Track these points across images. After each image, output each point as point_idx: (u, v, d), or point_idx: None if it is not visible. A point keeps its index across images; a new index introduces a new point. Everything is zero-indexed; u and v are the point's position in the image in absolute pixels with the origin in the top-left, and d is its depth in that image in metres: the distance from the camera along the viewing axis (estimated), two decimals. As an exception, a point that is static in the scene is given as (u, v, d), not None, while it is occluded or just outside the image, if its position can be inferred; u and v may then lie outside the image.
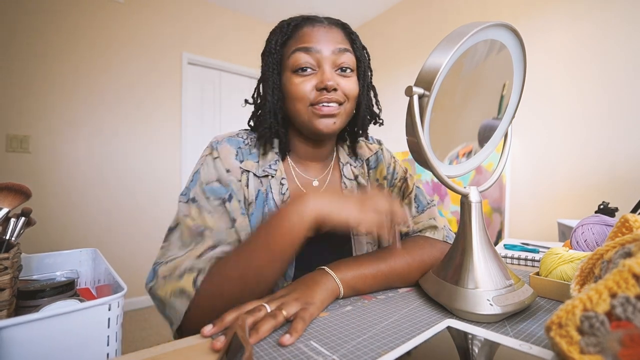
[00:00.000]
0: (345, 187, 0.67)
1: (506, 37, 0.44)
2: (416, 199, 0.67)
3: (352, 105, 0.61)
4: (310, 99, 0.57)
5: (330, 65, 0.57)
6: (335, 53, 0.57)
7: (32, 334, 0.34)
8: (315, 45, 0.56)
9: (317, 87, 0.56)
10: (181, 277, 0.46)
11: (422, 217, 0.65)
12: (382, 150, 0.74)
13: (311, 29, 0.57)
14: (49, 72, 2.14)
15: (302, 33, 0.58)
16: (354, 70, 0.60)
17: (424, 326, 0.39)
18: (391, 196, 0.49)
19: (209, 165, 0.57)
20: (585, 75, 1.76)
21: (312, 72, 0.57)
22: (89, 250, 0.70)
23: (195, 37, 2.72)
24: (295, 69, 0.57)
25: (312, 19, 0.60)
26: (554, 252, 0.52)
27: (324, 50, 0.56)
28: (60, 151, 2.18)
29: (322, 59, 0.56)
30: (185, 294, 0.45)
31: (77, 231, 2.22)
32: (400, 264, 0.53)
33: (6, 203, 0.49)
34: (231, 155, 0.58)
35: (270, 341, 0.36)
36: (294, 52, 0.57)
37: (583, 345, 0.24)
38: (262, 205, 0.58)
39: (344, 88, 0.58)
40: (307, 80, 0.57)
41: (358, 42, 0.62)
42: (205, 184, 0.55)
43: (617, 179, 1.62)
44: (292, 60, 0.57)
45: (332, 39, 0.57)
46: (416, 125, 0.41)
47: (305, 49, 0.56)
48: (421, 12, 2.68)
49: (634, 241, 0.29)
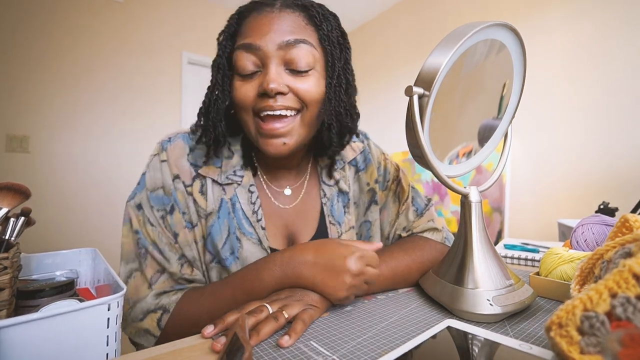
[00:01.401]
0: (324, 195, 0.59)
1: (506, 36, 0.44)
2: (414, 201, 0.63)
3: (315, 113, 0.49)
4: (255, 108, 0.47)
5: (277, 63, 0.45)
6: (282, 47, 0.45)
7: (31, 334, 0.34)
8: (258, 40, 0.45)
9: (258, 93, 0.46)
10: (143, 320, 0.45)
11: (421, 220, 0.62)
12: (370, 146, 0.65)
13: (256, 18, 0.46)
14: (48, 72, 2.14)
15: (247, 24, 0.47)
16: (314, 68, 0.48)
17: (424, 326, 0.39)
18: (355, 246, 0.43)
19: (155, 169, 0.50)
20: (585, 75, 1.76)
21: (257, 71, 0.47)
22: (88, 250, 0.70)
23: (195, 36, 2.72)
24: (237, 70, 0.47)
25: (262, 3, 0.48)
26: (554, 252, 0.51)
27: (269, 44, 0.44)
28: (60, 151, 2.18)
29: (266, 55, 0.45)
30: (150, 334, 0.45)
31: (76, 231, 2.22)
32: (401, 267, 0.53)
33: (5, 203, 0.49)
34: (182, 158, 0.51)
35: (270, 341, 0.36)
36: (235, 49, 0.47)
37: (583, 345, 0.24)
38: (226, 216, 0.51)
39: (297, 90, 0.46)
40: (249, 84, 0.46)
41: (327, 26, 0.48)
42: (150, 191, 0.50)
43: (617, 179, 1.62)
44: (233, 59, 0.48)
45: (281, 29, 0.45)
46: (416, 125, 0.41)
47: (245, 46, 0.46)
48: (421, 12, 2.68)
49: (634, 241, 0.29)
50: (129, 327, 0.46)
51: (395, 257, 0.53)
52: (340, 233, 0.59)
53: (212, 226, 0.51)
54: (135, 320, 0.46)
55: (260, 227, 0.53)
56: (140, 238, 0.49)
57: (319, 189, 0.60)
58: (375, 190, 0.63)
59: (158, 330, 0.45)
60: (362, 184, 0.63)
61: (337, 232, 0.59)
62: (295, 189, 0.60)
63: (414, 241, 0.59)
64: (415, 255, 0.55)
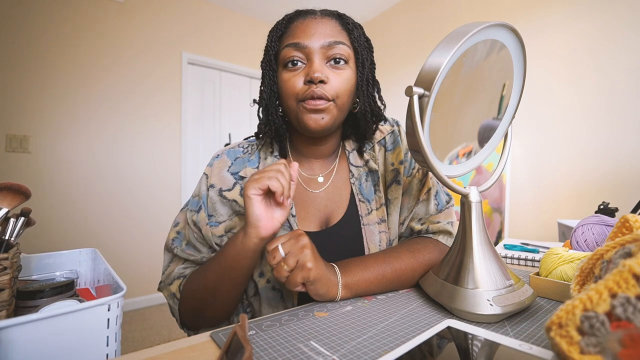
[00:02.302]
0: (352, 176, 0.64)
1: (506, 37, 0.44)
2: (437, 195, 0.64)
3: (346, 102, 0.58)
4: (299, 95, 0.55)
5: (320, 58, 0.55)
6: (324, 46, 0.54)
7: (31, 335, 0.34)
8: (304, 39, 0.54)
9: (304, 81, 0.55)
10: (172, 284, 0.58)
11: (440, 216, 0.62)
12: (400, 132, 0.68)
13: (302, 22, 0.56)
14: (49, 72, 2.14)
15: (294, 27, 0.57)
16: (348, 63, 0.57)
17: (424, 326, 0.39)
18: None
19: (201, 181, 0.63)
20: (585, 75, 1.76)
21: (302, 65, 0.55)
22: (88, 250, 0.70)
23: (195, 36, 2.72)
24: (285, 64, 0.56)
25: (305, 12, 0.58)
26: (554, 252, 0.52)
27: (314, 43, 0.54)
28: (60, 151, 2.18)
29: (312, 52, 0.54)
30: (175, 297, 0.57)
31: (76, 231, 2.22)
32: (406, 269, 0.53)
33: (6, 203, 0.49)
34: (224, 169, 0.62)
35: (270, 341, 0.36)
36: (285, 47, 0.56)
37: (583, 345, 0.24)
38: None
39: (333, 82, 0.55)
40: (296, 76, 0.55)
41: (357, 32, 0.59)
42: (192, 197, 0.63)
43: (617, 179, 1.62)
44: (282, 56, 0.56)
45: (323, 32, 0.55)
46: (416, 125, 0.41)
47: (294, 44, 0.55)
48: (421, 12, 2.68)
49: (634, 241, 0.29)
50: (164, 289, 0.59)
51: (402, 258, 0.53)
52: (370, 210, 0.62)
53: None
54: (168, 284, 0.59)
55: (290, 214, 0.59)
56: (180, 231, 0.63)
57: (348, 172, 0.66)
58: (400, 171, 0.65)
59: (179, 293, 0.57)
60: (387, 164, 0.66)
61: (367, 209, 0.62)
62: (326, 175, 0.66)
63: (424, 242, 0.58)
64: (421, 257, 0.55)
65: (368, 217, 0.61)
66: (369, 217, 0.61)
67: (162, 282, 0.60)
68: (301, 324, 0.41)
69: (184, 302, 0.56)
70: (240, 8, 2.92)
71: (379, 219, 0.62)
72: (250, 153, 0.64)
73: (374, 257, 0.54)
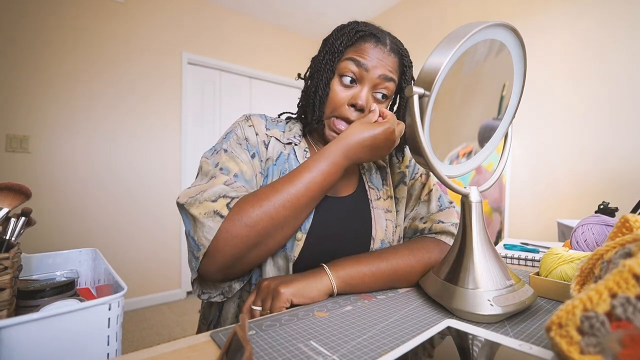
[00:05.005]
0: (362, 168, 0.69)
1: (506, 37, 0.44)
2: (440, 198, 0.68)
3: None
4: (336, 110, 0.60)
5: (369, 86, 0.59)
6: (379, 77, 0.58)
7: (32, 334, 0.34)
8: (368, 62, 0.58)
9: (349, 102, 0.59)
10: (215, 201, 0.49)
11: (442, 215, 0.64)
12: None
13: (371, 47, 0.59)
14: (48, 72, 2.14)
15: (363, 46, 0.60)
16: (389, 98, 0.62)
17: (424, 326, 0.39)
18: None
19: (243, 128, 0.63)
20: (585, 75, 1.76)
21: (352, 84, 0.59)
22: (88, 250, 0.70)
23: (195, 36, 2.72)
24: (341, 74, 0.60)
25: (378, 37, 0.61)
26: (554, 252, 0.52)
27: (373, 71, 0.58)
28: (60, 151, 2.18)
29: (367, 77, 0.58)
30: (219, 214, 0.47)
31: (77, 231, 2.22)
32: (403, 265, 0.53)
33: (6, 203, 0.49)
34: (261, 125, 0.64)
35: (270, 341, 0.36)
36: (348, 59, 0.59)
37: (583, 345, 0.24)
38: (282, 164, 0.63)
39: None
40: (345, 91, 0.60)
41: (409, 74, 0.63)
42: (243, 139, 0.61)
43: (617, 179, 1.62)
44: (342, 65, 0.60)
45: (385, 65, 0.59)
46: (416, 125, 0.41)
47: (357, 62, 0.58)
48: (421, 12, 2.68)
49: (634, 241, 0.29)
50: (200, 206, 0.49)
51: (399, 255, 0.54)
52: (379, 197, 0.67)
53: (268, 168, 0.62)
54: (208, 200, 0.49)
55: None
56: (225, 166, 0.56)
57: (359, 166, 0.70)
58: (405, 173, 0.71)
59: (226, 211, 0.48)
60: (394, 167, 0.72)
61: (376, 195, 0.67)
62: None
63: (424, 241, 0.59)
64: (420, 255, 0.55)
65: (377, 202, 0.66)
66: (378, 202, 0.66)
67: (193, 197, 0.50)
68: (301, 323, 0.41)
69: (230, 220, 0.47)
70: (241, 8, 2.92)
71: (386, 208, 0.66)
72: (277, 121, 0.68)
73: (368, 253, 0.55)
